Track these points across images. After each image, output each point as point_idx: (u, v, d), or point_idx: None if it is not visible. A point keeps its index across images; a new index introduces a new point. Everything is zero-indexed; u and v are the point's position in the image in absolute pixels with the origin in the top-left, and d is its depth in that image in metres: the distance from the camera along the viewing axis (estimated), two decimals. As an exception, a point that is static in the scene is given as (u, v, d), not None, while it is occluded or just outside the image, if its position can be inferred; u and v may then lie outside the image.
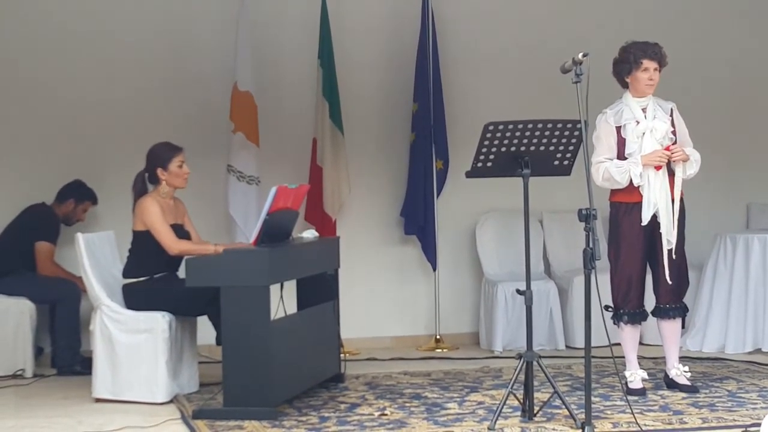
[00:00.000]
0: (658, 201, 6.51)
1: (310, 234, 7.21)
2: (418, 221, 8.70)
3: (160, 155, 6.86)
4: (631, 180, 6.50)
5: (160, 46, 8.56)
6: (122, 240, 7.15)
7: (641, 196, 6.53)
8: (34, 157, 8.40)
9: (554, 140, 5.99)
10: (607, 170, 6.52)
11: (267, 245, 6.41)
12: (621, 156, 6.58)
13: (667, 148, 6.49)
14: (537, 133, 5.94)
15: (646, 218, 6.53)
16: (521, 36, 9.06)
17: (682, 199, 6.65)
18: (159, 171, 6.83)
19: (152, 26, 8.56)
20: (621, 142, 6.59)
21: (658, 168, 6.49)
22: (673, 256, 6.58)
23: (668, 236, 6.54)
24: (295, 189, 6.76)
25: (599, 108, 6.48)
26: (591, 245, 5.33)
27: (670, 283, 6.60)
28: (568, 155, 6.08)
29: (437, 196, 8.70)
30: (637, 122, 6.56)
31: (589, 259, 5.33)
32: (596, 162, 6.55)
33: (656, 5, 9.25)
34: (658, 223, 6.54)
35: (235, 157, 8.33)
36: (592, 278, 5.36)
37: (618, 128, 6.60)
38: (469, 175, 6.10)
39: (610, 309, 6.67)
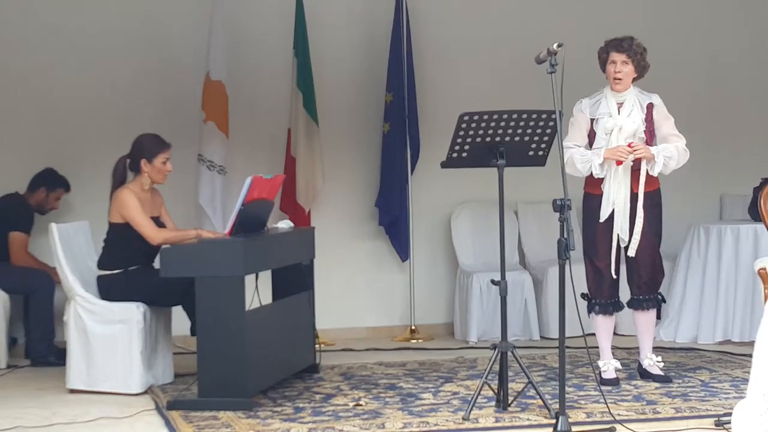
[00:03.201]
0: (616, 199, 6.53)
1: (285, 224, 7.20)
2: (393, 211, 8.70)
3: (148, 147, 6.82)
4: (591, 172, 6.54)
5: (133, 34, 8.53)
6: (97, 230, 7.13)
7: None
8: (7, 148, 8.36)
9: (529, 131, 6.00)
10: (571, 157, 6.55)
11: (242, 235, 6.41)
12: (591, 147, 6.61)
13: (629, 145, 6.50)
14: (512, 124, 5.95)
15: (603, 215, 6.55)
16: (495, 26, 9.07)
17: (659, 191, 6.67)
18: (143, 162, 6.80)
19: (125, 15, 8.53)
20: (592, 135, 6.62)
21: (618, 163, 6.51)
22: (627, 253, 6.61)
23: (622, 234, 6.56)
24: (271, 179, 6.76)
25: (574, 99, 6.50)
26: (565, 236, 5.34)
27: (615, 277, 6.62)
28: (543, 145, 6.09)
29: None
30: (611, 117, 6.58)
31: (564, 249, 5.34)
32: (565, 146, 6.56)
33: (632, -3, 9.30)
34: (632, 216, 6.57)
35: (206, 146, 8.32)
36: (566, 269, 5.37)
37: (592, 120, 6.63)
38: (444, 165, 6.11)
39: (586, 297, 6.70)
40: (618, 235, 6.57)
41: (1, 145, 8.36)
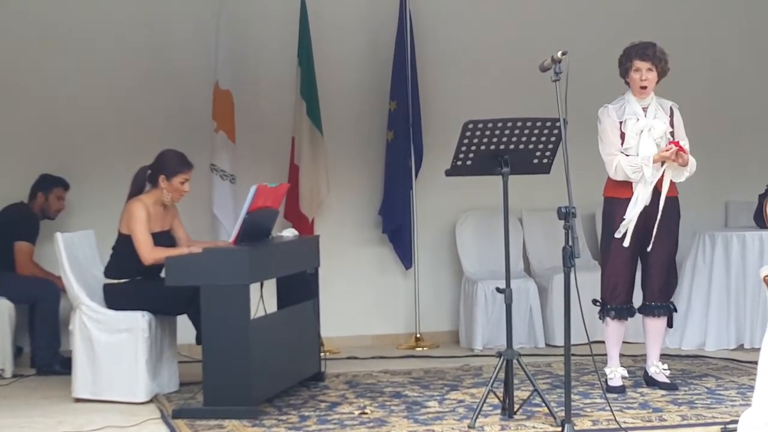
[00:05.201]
0: (646, 200, 6.52)
1: (289, 233, 7.20)
2: (396, 220, 8.71)
3: (170, 165, 6.80)
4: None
5: (141, 44, 8.55)
6: (102, 238, 7.14)
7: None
8: (13, 157, 8.37)
9: (534, 138, 6.00)
10: (619, 164, 6.52)
11: (247, 244, 6.41)
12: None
13: (681, 149, 6.47)
14: (516, 132, 5.95)
15: (631, 215, 6.51)
16: (499, 34, 9.07)
17: (677, 198, 6.68)
18: (161, 178, 6.79)
19: (132, 24, 8.54)
20: (621, 137, 6.59)
21: (674, 160, 6.47)
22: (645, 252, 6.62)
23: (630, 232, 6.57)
24: (275, 188, 6.76)
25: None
26: (570, 243, 5.34)
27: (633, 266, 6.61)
28: (548, 153, 6.09)
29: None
30: (637, 119, 6.57)
31: (569, 257, 5.34)
32: (608, 154, 6.57)
33: (636, 5, 9.27)
34: (650, 222, 6.55)
35: (218, 156, 8.33)
36: (571, 276, 5.37)
37: (620, 123, 6.60)
38: (448, 173, 6.11)
39: (598, 303, 6.69)
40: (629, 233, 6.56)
41: (7, 154, 8.36)
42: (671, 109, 6.72)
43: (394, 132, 8.70)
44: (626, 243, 6.57)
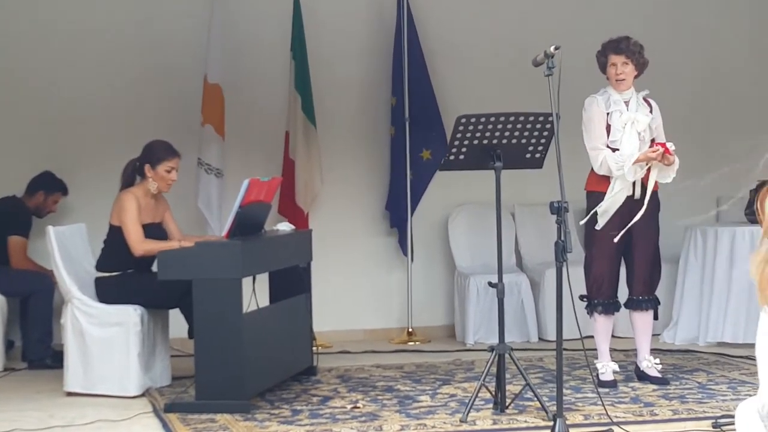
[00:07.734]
0: (627, 190, 6.52)
1: (285, 227, 7.19)
2: (402, 214, 8.71)
3: (154, 153, 6.82)
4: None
5: (132, 38, 8.53)
6: (94, 232, 7.13)
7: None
8: (5, 150, 8.35)
9: (526, 133, 6.00)
10: (605, 159, 6.51)
11: (239, 238, 6.40)
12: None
13: (667, 150, 6.45)
14: (509, 126, 5.95)
15: (605, 205, 6.51)
16: (497, 29, 9.06)
17: (656, 192, 6.69)
18: (147, 167, 6.80)
19: (124, 18, 8.53)
20: (607, 129, 6.60)
21: (660, 161, 6.46)
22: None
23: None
24: (268, 182, 6.76)
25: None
26: (563, 238, 5.34)
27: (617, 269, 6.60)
28: (540, 148, 6.09)
29: (425, 187, 8.71)
30: (621, 113, 6.58)
31: (561, 251, 5.34)
32: (594, 148, 6.56)
33: (634, 1, 9.28)
34: (633, 216, 6.56)
35: (205, 149, 8.33)
36: (564, 271, 5.37)
37: (607, 114, 6.61)
38: (441, 167, 6.13)
39: (585, 299, 6.70)
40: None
41: (-2, 149, 8.37)
42: (650, 103, 6.71)
43: (395, 128, 8.69)
44: (599, 226, 6.55)
